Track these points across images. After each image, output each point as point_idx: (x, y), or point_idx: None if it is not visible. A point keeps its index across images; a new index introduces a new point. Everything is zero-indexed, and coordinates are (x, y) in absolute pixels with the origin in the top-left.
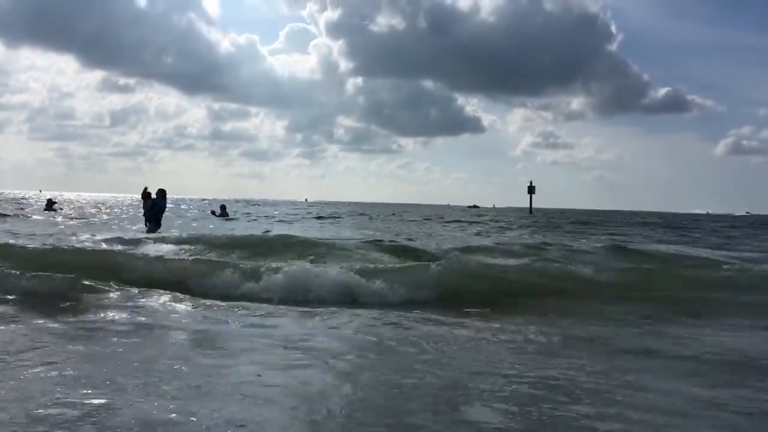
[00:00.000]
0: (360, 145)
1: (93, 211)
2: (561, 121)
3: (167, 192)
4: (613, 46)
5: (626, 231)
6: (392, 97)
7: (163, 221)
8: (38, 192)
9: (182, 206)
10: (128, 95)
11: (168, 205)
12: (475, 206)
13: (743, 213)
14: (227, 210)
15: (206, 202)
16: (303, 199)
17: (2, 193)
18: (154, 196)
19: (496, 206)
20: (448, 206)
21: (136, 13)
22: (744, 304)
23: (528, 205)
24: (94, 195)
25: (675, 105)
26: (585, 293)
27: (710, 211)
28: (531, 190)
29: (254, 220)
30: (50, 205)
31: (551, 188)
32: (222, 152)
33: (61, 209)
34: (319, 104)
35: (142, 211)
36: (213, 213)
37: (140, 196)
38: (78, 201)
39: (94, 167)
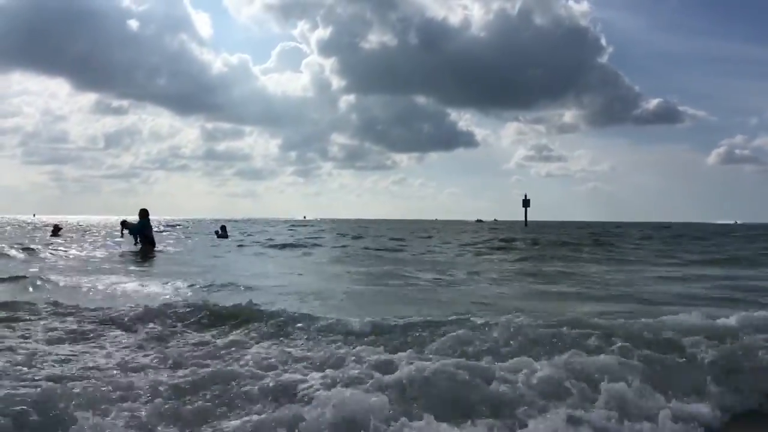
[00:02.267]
0: (354, 162)
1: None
2: (554, 133)
3: (149, 212)
4: (604, 59)
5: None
6: (385, 113)
7: (173, 239)
8: (32, 216)
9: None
10: (121, 117)
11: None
12: (479, 221)
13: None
14: (227, 231)
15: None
16: (301, 217)
17: None
18: (136, 218)
19: (497, 220)
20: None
21: (127, 35)
22: None
23: (523, 218)
24: (91, 218)
25: (667, 116)
26: None
27: (738, 221)
28: (526, 203)
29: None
30: (56, 230)
31: (546, 201)
32: (216, 172)
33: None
34: (312, 122)
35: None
36: (216, 233)
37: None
38: (79, 225)
39: (89, 190)
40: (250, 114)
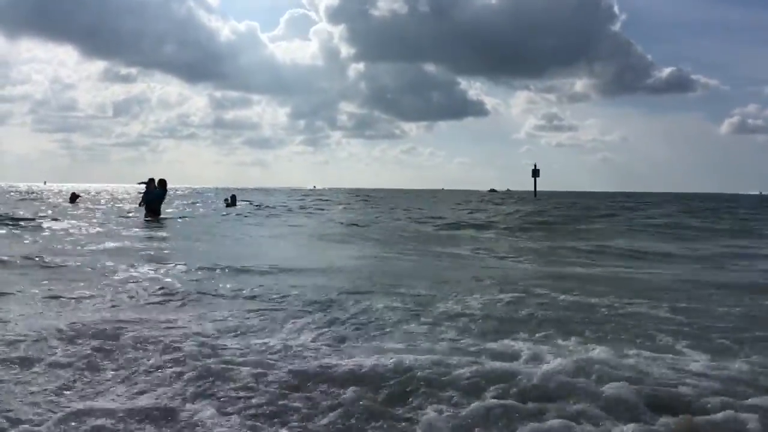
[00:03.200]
0: (363, 131)
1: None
2: (565, 103)
3: (167, 182)
4: (617, 27)
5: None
6: (394, 82)
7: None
8: (43, 183)
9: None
10: (130, 85)
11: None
12: (493, 190)
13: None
14: (236, 200)
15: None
16: (311, 186)
17: (12, 186)
18: (156, 186)
19: (510, 190)
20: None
21: (135, 2)
22: None
23: (533, 189)
24: (102, 186)
25: (679, 85)
26: None
27: (763, 192)
28: (535, 173)
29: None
30: (74, 198)
31: (556, 171)
32: (225, 141)
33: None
34: (321, 91)
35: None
36: (226, 202)
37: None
38: (92, 192)
39: (98, 158)
40: (259, 82)
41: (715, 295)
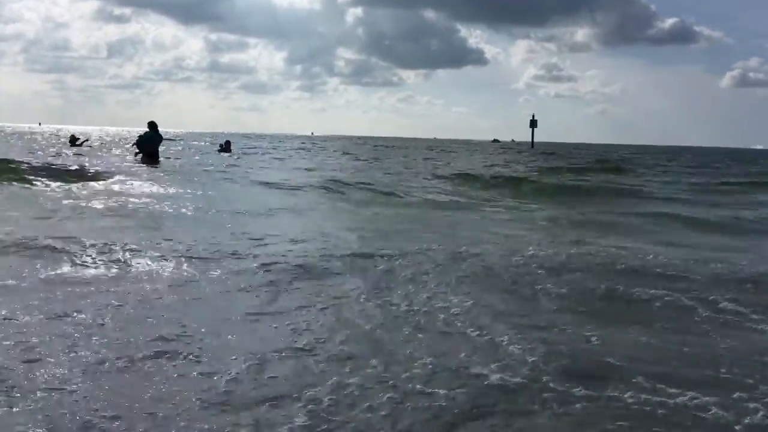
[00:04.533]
0: (360, 78)
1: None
2: (565, 52)
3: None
4: None
5: None
6: (393, 28)
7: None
8: (38, 125)
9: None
10: (124, 26)
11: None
12: (496, 140)
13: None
14: (231, 147)
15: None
16: (308, 133)
17: (5, 127)
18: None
19: (514, 140)
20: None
21: None
22: None
23: (530, 139)
24: (98, 128)
25: (682, 36)
26: None
27: None
28: (533, 124)
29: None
30: (74, 141)
31: (554, 122)
32: (221, 85)
33: (87, 141)
34: (318, 35)
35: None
36: (220, 147)
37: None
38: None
39: (93, 100)
40: (255, 25)
41: None
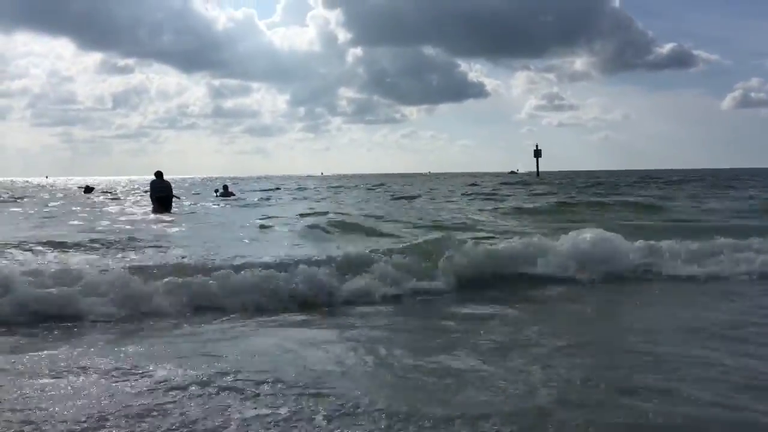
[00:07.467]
0: (363, 116)
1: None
2: (565, 82)
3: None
4: (616, 2)
5: None
6: (393, 65)
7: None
8: (45, 178)
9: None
10: (128, 76)
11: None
12: (513, 172)
13: None
14: (230, 189)
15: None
16: (318, 173)
17: (13, 181)
18: (156, 177)
19: (518, 171)
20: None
21: None
22: None
23: (535, 169)
24: (106, 179)
25: (680, 60)
26: None
27: None
28: (537, 153)
29: None
30: (89, 190)
31: (558, 151)
32: (225, 130)
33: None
34: (319, 77)
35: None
36: (217, 192)
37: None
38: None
39: (99, 150)
40: (257, 70)
41: None
